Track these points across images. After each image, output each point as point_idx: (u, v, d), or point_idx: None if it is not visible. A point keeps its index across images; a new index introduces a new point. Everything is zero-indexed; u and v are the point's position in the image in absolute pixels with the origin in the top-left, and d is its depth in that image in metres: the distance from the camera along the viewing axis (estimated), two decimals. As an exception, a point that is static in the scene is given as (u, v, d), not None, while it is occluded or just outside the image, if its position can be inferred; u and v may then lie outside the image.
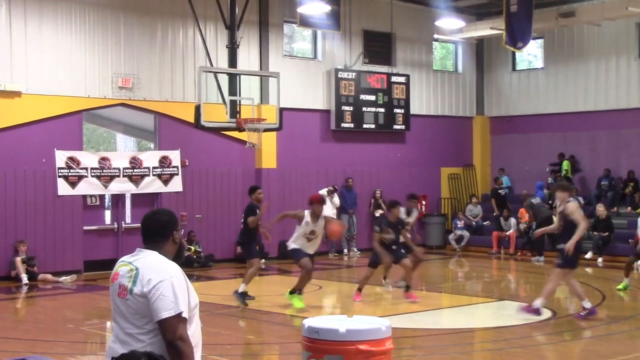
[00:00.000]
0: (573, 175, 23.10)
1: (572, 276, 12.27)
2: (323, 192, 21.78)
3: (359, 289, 14.11)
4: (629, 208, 21.59)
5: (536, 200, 21.88)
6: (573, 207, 11.97)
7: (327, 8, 20.93)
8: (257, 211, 14.01)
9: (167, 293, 4.43)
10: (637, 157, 22.26)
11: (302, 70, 21.95)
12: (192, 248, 13.73)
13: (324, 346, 5.83)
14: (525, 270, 19.61)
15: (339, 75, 22.27)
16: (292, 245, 13.15)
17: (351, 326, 5.87)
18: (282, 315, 12.97)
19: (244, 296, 13.64)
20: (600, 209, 20.55)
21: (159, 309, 4.40)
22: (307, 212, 13.03)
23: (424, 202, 23.96)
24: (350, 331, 5.80)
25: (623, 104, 22.66)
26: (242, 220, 14.23)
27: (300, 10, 20.69)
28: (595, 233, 20.38)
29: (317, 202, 13.15)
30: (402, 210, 14.61)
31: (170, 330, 4.38)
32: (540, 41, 24.56)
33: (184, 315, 4.43)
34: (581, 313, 12.16)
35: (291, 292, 13.18)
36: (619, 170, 22.56)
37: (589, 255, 20.19)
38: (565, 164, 23.08)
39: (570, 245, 11.75)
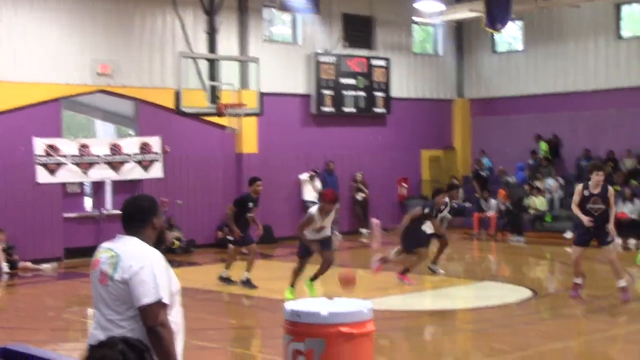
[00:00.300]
0: (554, 157, 23.21)
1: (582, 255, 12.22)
2: (304, 176, 21.81)
3: (406, 270, 13.93)
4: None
5: (512, 179, 22.02)
6: (612, 191, 11.92)
7: (306, -8, 20.85)
8: (252, 204, 13.84)
9: (147, 279, 4.42)
10: (616, 138, 22.39)
11: (282, 55, 21.89)
12: (176, 242, 13.57)
13: (305, 329, 5.85)
14: (506, 251, 19.73)
15: (319, 60, 22.23)
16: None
17: (333, 309, 5.90)
18: (264, 300, 12.99)
19: (249, 283, 13.65)
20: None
21: (139, 295, 4.40)
22: (315, 210, 12.35)
23: (405, 185, 24.02)
24: (331, 314, 5.82)
25: (602, 85, 22.77)
26: (235, 208, 13.89)
27: (279, -6, 20.60)
28: (575, 213, 20.50)
29: (329, 202, 12.25)
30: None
31: (151, 317, 4.38)
32: (519, 23, 24.60)
33: (165, 301, 4.43)
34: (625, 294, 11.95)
35: (312, 279, 12.79)
36: (599, 150, 22.70)
37: (568, 234, 20.33)
38: (543, 145, 23.18)
39: (612, 228, 11.68)
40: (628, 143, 22.11)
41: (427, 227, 14.61)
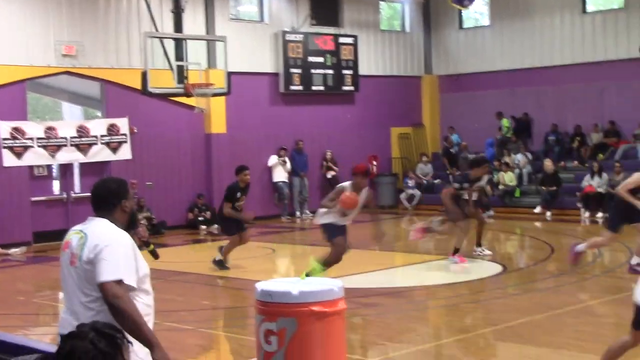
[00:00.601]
0: (524, 134, 23.25)
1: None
2: (273, 161, 21.72)
3: (457, 250, 13.59)
4: (576, 162, 21.94)
5: (471, 156, 22.13)
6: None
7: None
8: (240, 193, 13.49)
9: (109, 258, 4.41)
10: (583, 112, 22.56)
11: (249, 34, 21.75)
12: (152, 245, 13.34)
13: (277, 309, 5.85)
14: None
15: (287, 38, 22.12)
16: (324, 218, 11.40)
17: (304, 288, 5.89)
18: (236, 280, 12.98)
19: (221, 263, 13.53)
20: (548, 163, 20.85)
21: (99, 272, 4.39)
22: (347, 185, 11.25)
23: (375, 163, 24.07)
24: (302, 293, 5.82)
25: (568, 60, 22.89)
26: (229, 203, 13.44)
27: (245, -28, 20.46)
28: (543, 187, 20.69)
29: (362, 174, 11.23)
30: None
31: (109, 293, 4.34)
32: (484, -1, 24.64)
33: (126, 282, 4.40)
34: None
35: (323, 264, 11.45)
36: (566, 125, 22.86)
37: (537, 209, 20.52)
38: (505, 122, 23.29)
39: None
40: (594, 117, 22.29)
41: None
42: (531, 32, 23.61)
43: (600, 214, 19.19)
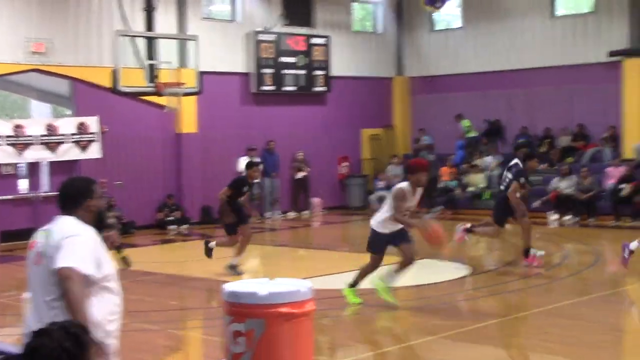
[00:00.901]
0: (496, 138, 23.37)
1: None
2: (243, 163, 21.51)
3: (526, 251, 13.04)
4: (545, 165, 22.09)
5: (432, 157, 22.30)
6: None
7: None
8: (246, 187, 13.19)
9: (67, 247, 4.46)
10: (552, 115, 22.71)
11: (221, 33, 21.67)
12: (124, 252, 13.19)
13: (245, 310, 5.84)
14: (447, 229, 19.90)
15: (259, 38, 22.08)
16: (380, 228, 10.26)
17: (272, 289, 5.89)
18: (204, 281, 12.92)
19: (235, 269, 13.06)
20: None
21: (56, 260, 4.43)
22: (406, 185, 10.10)
23: (345, 164, 24.10)
24: (270, 294, 5.82)
25: (538, 63, 23.06)
26: (230, 191, 13.08)
27: (217, -29, 20.39)
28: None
29: (423, 170, 10.06)
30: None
31: (62, 276, 4.40)
32: (459, 1, 24.73)
33: (82, 270, 4.42)
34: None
35: (352, 285, 10.60)
36: (536, 128, 23.02)
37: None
38: (465, 123, 23.42)
39: None
40: (564, 121, 22.47)
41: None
42: (503, 35, 23.74)
43: (569, 217, 19.34)
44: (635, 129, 21.13)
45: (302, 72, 22.99)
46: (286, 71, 22.66)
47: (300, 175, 22.84)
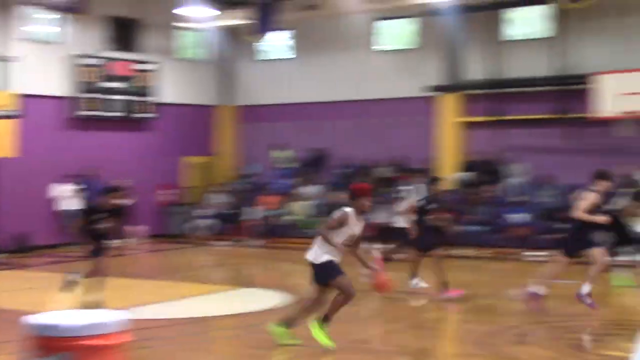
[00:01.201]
0: (319, 167, 23.83)
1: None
2: (67, 190, 20.84)
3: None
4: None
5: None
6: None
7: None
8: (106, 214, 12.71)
9: None
10: (372, 146, 23.39)
11: (43, 56, 21.03)
12: None
13: (48, 343, 5.64)
14: (270, 257, 20.10)
15: (82, 62, 21.59)
16: (325, 256, 9.36)
17: (75, 321, 5.72)
18: (11, 312, 12.37)
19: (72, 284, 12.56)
20: (333, 196, 21.34)
21: None
22: (349, 210, 9.36)
23: (166, 191, 23.89)
24: (72, 327, 5.65)
25: (362, 95, 23.84)
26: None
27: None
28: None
29: (366, 195, 9.46)
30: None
31: None
32: (292, 32, 25.11)
33: None
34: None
35: (323, 320, 9.62)
36: (357, 158, 23.60)
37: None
38: (276, 154, 23.95)
39: None
40: (382, 152, 23.19)
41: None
42: (331, 67, 24.40)
43: (379, 245, 19.78)
44: (450, 160, 22.22)
45: (127, 97, 22.67)
46: (110, 96, 22.24)
47: (123, 202, 22.34)
